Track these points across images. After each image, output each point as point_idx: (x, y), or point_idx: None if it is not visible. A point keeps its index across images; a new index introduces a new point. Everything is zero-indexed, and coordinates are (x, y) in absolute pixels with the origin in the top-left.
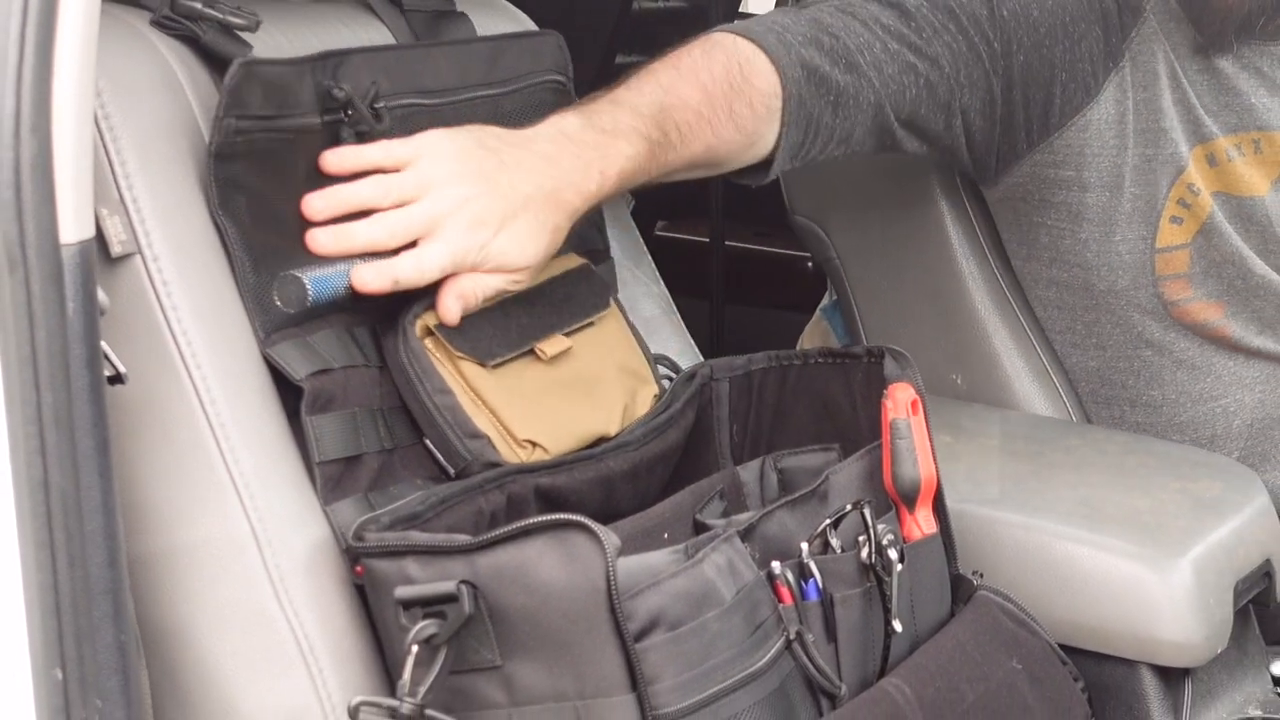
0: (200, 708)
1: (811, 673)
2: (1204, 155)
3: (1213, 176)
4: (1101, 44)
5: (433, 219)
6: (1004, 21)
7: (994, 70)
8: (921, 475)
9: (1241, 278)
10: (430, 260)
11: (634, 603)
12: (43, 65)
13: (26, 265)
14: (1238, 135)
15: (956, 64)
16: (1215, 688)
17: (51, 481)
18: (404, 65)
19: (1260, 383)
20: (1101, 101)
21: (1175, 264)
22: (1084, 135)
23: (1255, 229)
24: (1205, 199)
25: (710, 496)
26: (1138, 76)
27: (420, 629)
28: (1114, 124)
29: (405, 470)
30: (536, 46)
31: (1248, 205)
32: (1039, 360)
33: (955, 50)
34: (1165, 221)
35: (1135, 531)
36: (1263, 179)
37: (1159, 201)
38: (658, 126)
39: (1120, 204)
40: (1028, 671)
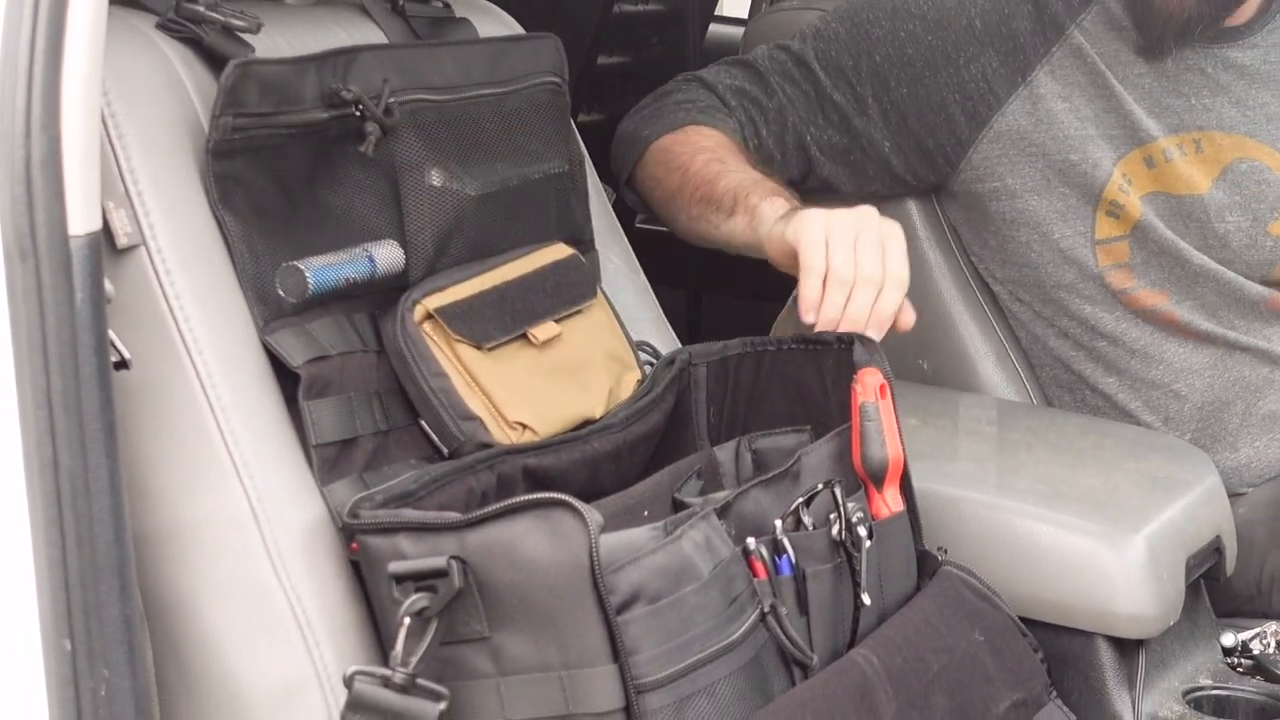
0: (202, 678)
1: (784, 644)
2: (1141, 158)
3: (1150, 178)
4: (998, 63)
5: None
6: (876, 67)
7: (860, 112)
8: (889, 456)
9: (1180, 267)
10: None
11: (616, 577)
12: (52, 66)
13: (37, 256)
14: (1179, 135)
15: (810, 109)
16: (1168, 658)
17: (60, 462)
18: (412, 63)
19: (1209, 368)
20: (1007, 114)
21: (1116, 254)
22: (996, 147)
23: (1194, 225)
24: (1134, 201)
25: (688, 476)
26: (1055, 88)
27: (412, 602)
28: (1027, 133)
29: (400, 451)
30: (537, 49)
31: (1186, 203)
32: (1002, 347)
33: (804, 95)
34: (1101, 215)
35: (1092, 510)
36: (1203, 177)
37: (1091, 199)
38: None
39: (1052, 204)
40: (989, 643)
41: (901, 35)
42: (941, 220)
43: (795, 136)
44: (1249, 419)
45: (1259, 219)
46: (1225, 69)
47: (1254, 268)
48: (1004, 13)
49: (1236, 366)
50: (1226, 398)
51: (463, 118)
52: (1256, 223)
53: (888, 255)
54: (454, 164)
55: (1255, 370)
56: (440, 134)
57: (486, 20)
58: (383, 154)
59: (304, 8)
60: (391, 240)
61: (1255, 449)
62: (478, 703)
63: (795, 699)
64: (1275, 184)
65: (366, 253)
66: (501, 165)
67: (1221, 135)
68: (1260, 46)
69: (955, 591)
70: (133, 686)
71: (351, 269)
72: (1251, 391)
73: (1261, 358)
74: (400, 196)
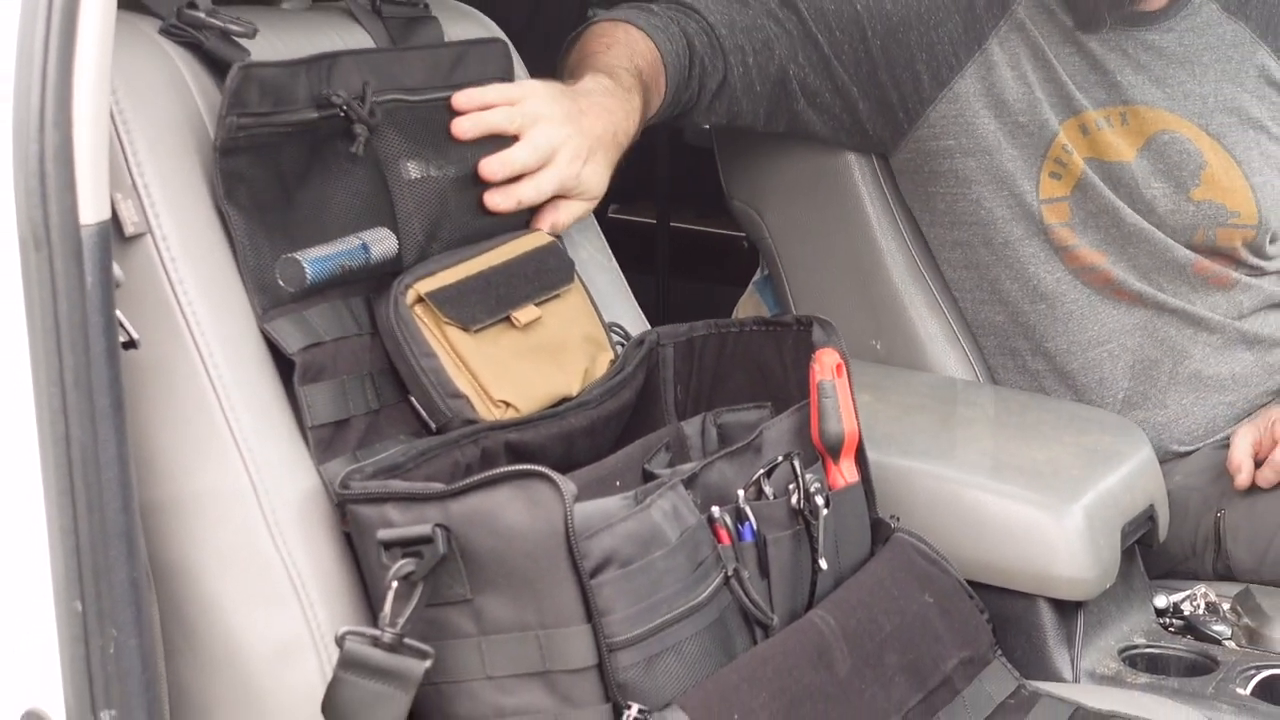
0: (205, 637)
1: (747, 605)
2: (1077, 126)
3: (1085, 144)
4: (961, 29)
5: (550, 149)
6: (856, 15)
7: (836, 55)
8: (845, 430)
9: (1116, 226)
10: (546, 185)
11: (589, 543)
12: (64, 67)
13: (50, 244)
14: (1106, 109)
15: (791, 45)
16: (1105, 619)
17: (72, 436)
18: (385, 66)
19: (1139, 329)
20: (966, 77)
21: (1059, 213)
22: (955, 106)
23: (1124, 190)
24: (1077, 160)
25: (658, 449)
26: (1004, 58)
27: (399, 567)
28: (981, 96)
29: (391, 428)
30: (487, 54)
31: (1117, 169)
32: (949, 327)
33: (787, 34)
34: (1045, 176)
35: (1034, 480)
36: (1129, 147)
37: (1037, 159)
38: (643, 86)
39: (1001, 163)
40: (939, 605)
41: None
42: (893, 212)
43: (779, 69)
44: (1176, 377)
45: (1181, 186)
46: (1144, 50)
47: (1179, 232)
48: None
49: (1164, 327)
50: (1155, 356)
51: (432, 116)
52: (1179, 189)
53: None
54: (431, 153)
55: (1181, 331)
56: (416, 130)
57: (464, 22)
58: (370, 150)
59: (296, 12)
60: (384, 228)
61: (1182, 406)
62: (460, 660)
63: (757, 656)
64: (1195, 154)
65: (361, 241)
66: (471, 155)
67: (1144, 109)
68: (1175, 30)
69: (906, 557)
70: (139, 645)
71: (347, 257)
72: (1178, 351)
73: (1187, 320)
74: (388, 186)
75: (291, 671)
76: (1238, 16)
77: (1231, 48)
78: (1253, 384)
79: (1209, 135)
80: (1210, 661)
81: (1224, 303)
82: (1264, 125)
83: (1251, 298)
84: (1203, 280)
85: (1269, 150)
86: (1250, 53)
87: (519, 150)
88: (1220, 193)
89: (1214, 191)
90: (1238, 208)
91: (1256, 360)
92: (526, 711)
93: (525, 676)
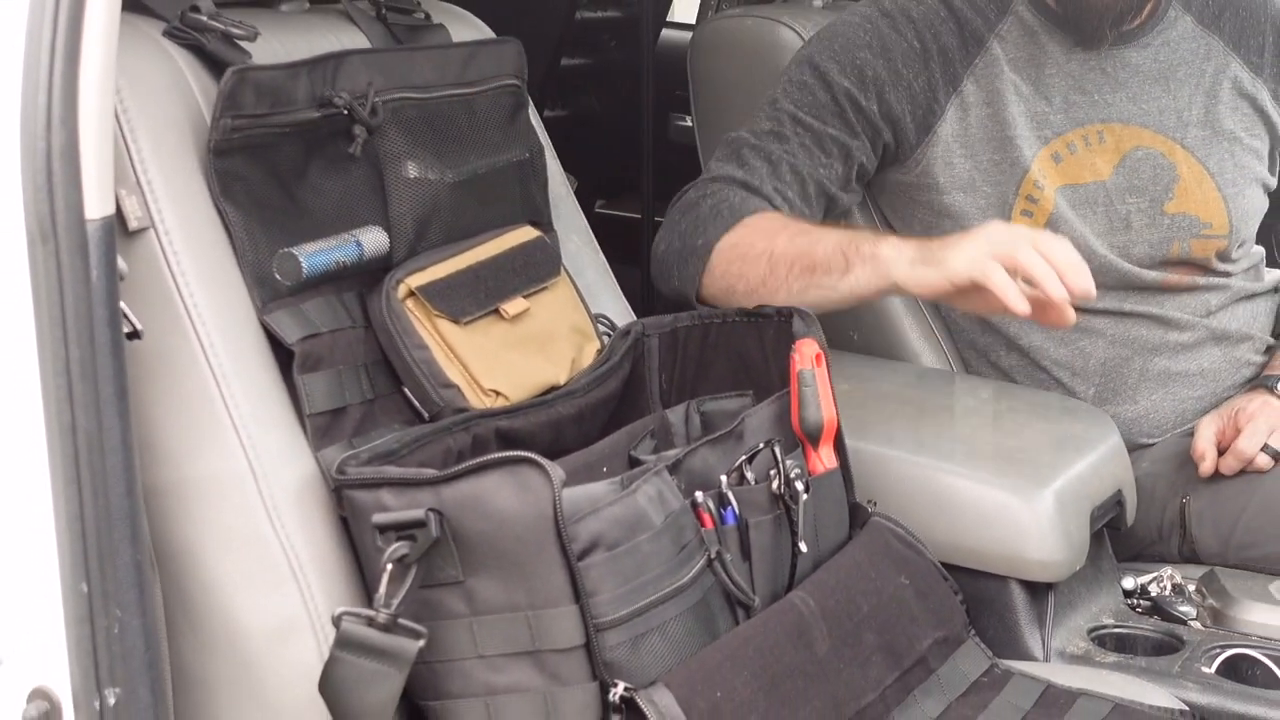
0: (206, 617)
1: (729, 587)
2: (1049, 155)
3: (1058, 173)
4: (939, 74)
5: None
6: (848, 90)
7: (852, 136)
8: (824, 418)
9: (1088, 259)
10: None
11: (577, 527)
12: (70, 68)
13: (57, 238)
14: (1084, 128)
15: (812, 158)
16: (1074, 600)
17: (78, 423)
18: (394, 65)
19: (1108, 329)
20: (946, 121)
21: None
22: (935, 150)
23: (1100, 210)
24: (1049, 195)
25: (643, 436)
26: (980, 95)
27: (394, 550)
28: (959, 137)
29: (385, 417)
30: (500, 53)
31: (1092, 189)
32: (925, 321)
33: (805, 148)
34: (1017, 214)
35: (1006, 466)
36: (1105, 164)
37: (1009, 197)
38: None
39: (975, 201)
40: (914, 586)
41: (858, 62)
42: (871, 208)
43: (816, 185)
44: (1146, 375)
45: (1155, 200)
46: (1122, 68)
47: (1154, 245)
48: (935, 31)
49: (1134, 328)
50: (1125, 355)
51: (439, 114)
52: (1154, 204)
53: (1041, 245)
54: (431, 156)
55: (1151, 331)
56: (420, 129)
57: (460, 25)
58: (368, 149)
59: (296, 15)
60: (377, 226)
61: (1152, 402)
62: (453, 640)
63: (739, 636)
64: (1168, 169)
65: (354, 238)
66: (472, 155)
67: (1120, 126)
68: (1151, 46)
69: (883, 540)
70: (143, 625)
71: (341, 253)
72: (1149, 350)
73: (1156, 321)
74: (384, 186)
75: (290, 651)
76: (1211, 30)
77: (1205, 60)
78: (1221, 378)
79: (1183, 149)
80: (1176, 641)
81: (1193, 303)
82: (1237, 136)
83: (1219, 296)
84: (1170, 290)
85: (1242, 160)
86: (1223, 65)
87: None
88: (1193, 205)
89: (1187, 204)
90: (1210, 219)
91: (1224, 355)
92: (517, 689)
93: (515, 655)
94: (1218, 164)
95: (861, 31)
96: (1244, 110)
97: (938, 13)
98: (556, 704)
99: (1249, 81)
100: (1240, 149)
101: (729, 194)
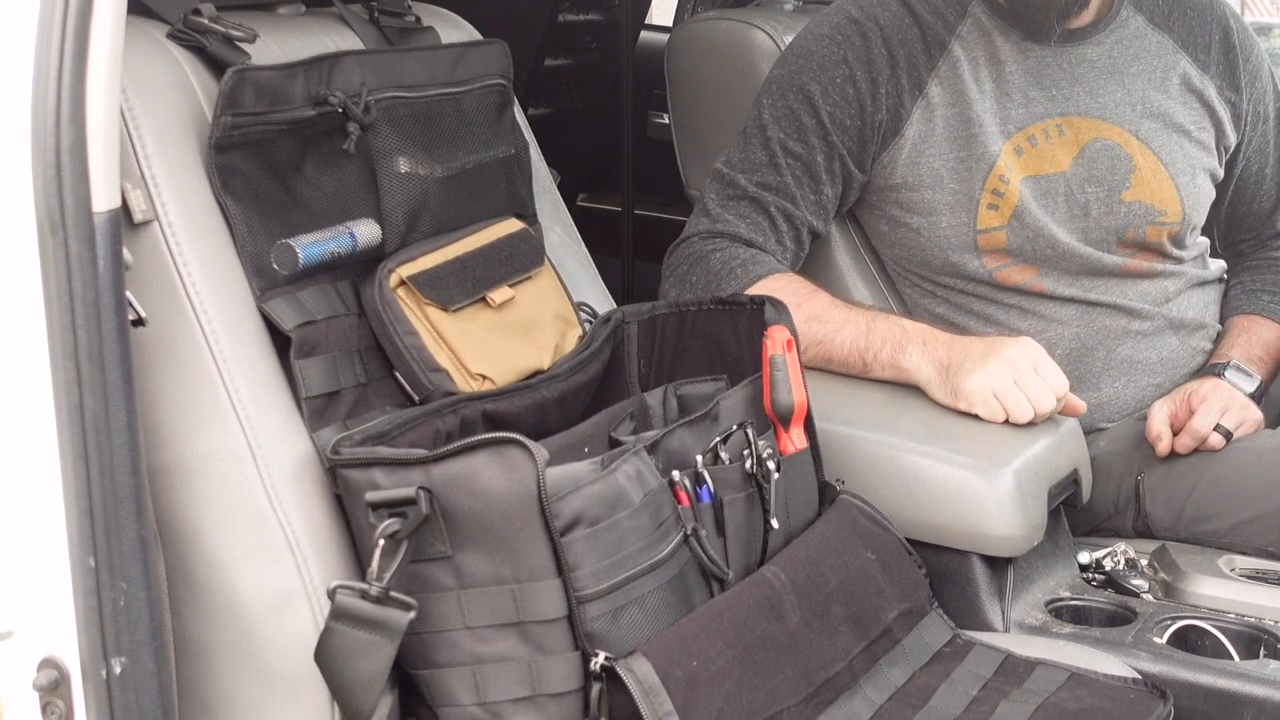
0: (207, 589)
1: (704, 561)
2: (1013, 149)
3: (1021, 165)
4: (906, 80)
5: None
6: (832, 110)
7: (838, 156)
8: (795, 401)
9: (1050, 246)
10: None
11: (560, 504)
12: (78, 68)
13: (65, 230)
14: (1044, 122)
15: (804, 187)
16: (1033, 574)
17: (86, 406)
18: (386, 66)
19: (1075, 320)
20: (913, 123)
21: (995, 241)
22: (903, 152)
23: (1060, 200)
24: (1015, 187)
25: (623, 418)
26: (945, 96)
27: (386, 526)
28: (927, 137)
29: (378, 400)
30: (487, 53)
31: (1053, 181)
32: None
33: (796, 181)
34: (983, 209)
35: (967, 446)
36: (1065, 156)
37: (975, 192)
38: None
39: (943, 197)
40: (880, 561)
41: (838, 80)
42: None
43: (807, 228)
44: (1110, 363)
45: (1113, 189)
46: (1078, 64)
47: (1112, 232)
48: (901, 36)
49: (1099, 318)
50: (1090, 344)
51: (429, 112)
52: (1111, 193)
53: (1045, 377)
54: (421, 152)
55: (1114, 321)
56: (411, 126)
57: (447, 27)
58: (361, 145)
59: (293, 17)
60: (369, 218)
61: (1115, 389)
62: (442, 612)
63: (714, 608)
64: (1125, 159)
65: (348, 230)
66: (460, 151)
67: (1079, 119)
68: (1104, 44)
69: (851, 517)
70: (148, 598)
71: (336, 244)
72: (1112, 339)
73: (1119, 311)
74: (376, 180)
75: (287, 621)
76: (1161, 28)
77: (1156, 57)
78: (1178, 366)
79: (1138, 140)
80: (1129, 613)
81: (1152, 290)
82: (1186, 129)
83: (1175, 282)
84: (1130, 276)
85: (1190, 152)
86: (1173, 62)
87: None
88: (1149, 193)
89: (1143, 193)
90: (1165, 206)
91: (1181, 344)
92: (502, 659)
93: (501, 627)
94: (1170, 154)
95: (834, 45)
96: (1192, 104)
97: (903, 18)
98: (540, 672)
99: (1197, 78)
100: (1189, 141)
101: (736, 251)
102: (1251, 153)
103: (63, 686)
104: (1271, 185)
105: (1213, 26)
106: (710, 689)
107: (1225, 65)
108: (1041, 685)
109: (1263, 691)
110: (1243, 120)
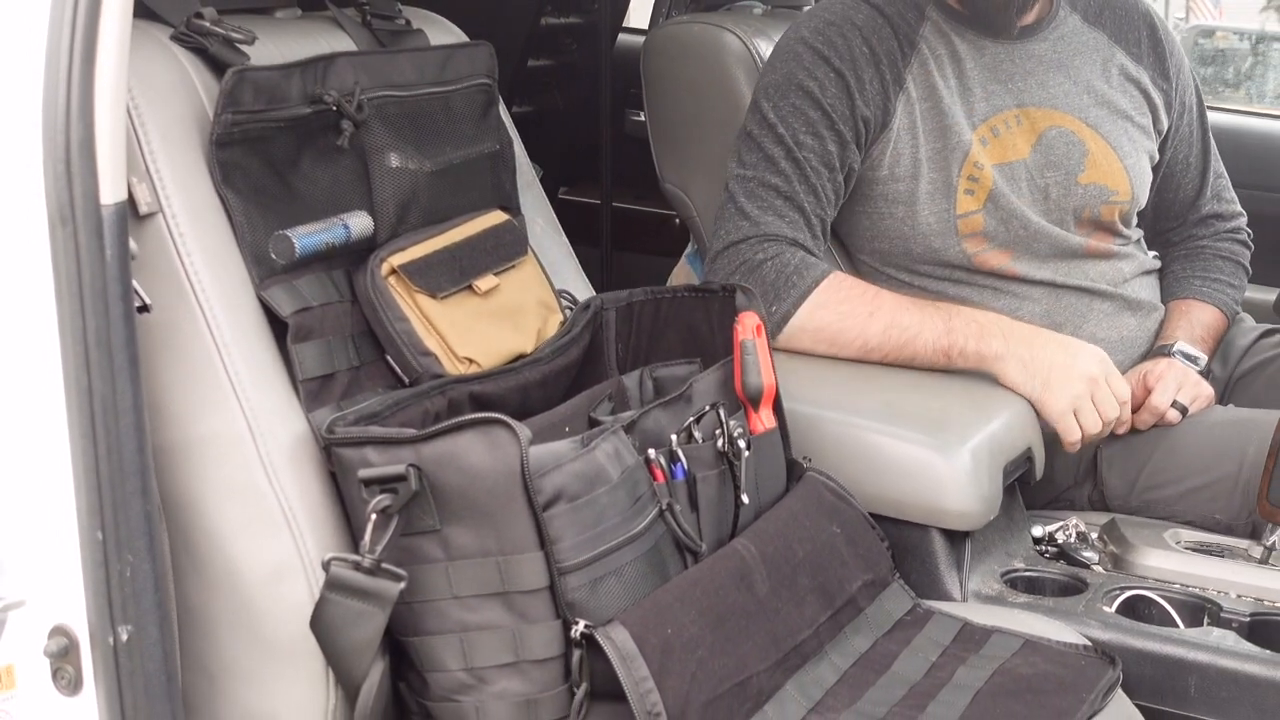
0: (208, 561)
1: (679, 535)
2: (979, 139)
3: (988, 152)
4: (888, 74)
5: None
6: (832, 101)
7: (846, 142)
8: (764, 383)
9: (1023, 227)
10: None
11: (542, 481)
12: (87, 68)
13: (75, 221)
14: (1004, 113)
15: (826, 179)
16: (989, 546)
17: (94, 388)
18: (378, 66)
19: (1044, 298)
20: (897, 116)
21: (973, 225)
22: (888, 145)
23: (1024, 185)
24: (989, 173)
25: (601, 399)
26: (920, 90)
27: (377, 501)
28: (909, 129)
29: (370, 382)
30: (474, 54)
31: (1016, 167)
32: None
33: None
34: (961, 194)
35: (927, 425)
36: (1024, 144)
37: (953, 179)
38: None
39: (921, 186)
40: (845, 534)
41: (830, 75)
42: None
43: (827, 215)
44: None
45: (1069, 173)
46: (1028, 59)
47: (1069, 212)
48: (878, 35)
49: (1066, 297)
50: (1059, 321)
51: (418, 110)
52: (1068, 176)
53: (1114, 386)
54: (411, 147)
55: (1080, 299)
56: (401, 123)
57: (437, 29)
58: (355, 141)
59: (290, 20)
60: (362, 211)
61: None
62: (430, 583)
63: (688, 579)
64: (1079, 144)
65: (342, 221)
66: (448, 147)
67: (1034, 109)
68: (1049, 39)
69: (817, 492)
70: (153, 569)
71: (330, 235)
72: (1079, 316)
73: (1083, 292)
74: (369, 175)
75: (284, 591)
76: (1096, 26)
77: (1095, 51)
78: (1136, 346)
79: (1089, 126)
80: (1080, 584)
81: (1109, 271)
82: (1129, 115)
83: (1129, 264)
84: (1091, 256)
85: (1134, 136)
86: (1110, 54)
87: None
88: (1102, 175)
89: (1097, 175)
90: (1116, 187)
91: (1139, 324)
92: (488, 627)
93: (487, 596)
94: (1117, 139)
95: (818, 46)
96: (1132, 92)
97: (875, 19)
98: (524, 639)
99: (1133, 68)
100: (1132, 125)
101: (786, 258)
102: (1179, 140)
103: (72, 653)
104: (1195, 173)
105: (1140, 23)
106: (684, 655)
107: (1155, 57)
108: (997, 651)
109: (1206, 658)
110: (1172, 108)
